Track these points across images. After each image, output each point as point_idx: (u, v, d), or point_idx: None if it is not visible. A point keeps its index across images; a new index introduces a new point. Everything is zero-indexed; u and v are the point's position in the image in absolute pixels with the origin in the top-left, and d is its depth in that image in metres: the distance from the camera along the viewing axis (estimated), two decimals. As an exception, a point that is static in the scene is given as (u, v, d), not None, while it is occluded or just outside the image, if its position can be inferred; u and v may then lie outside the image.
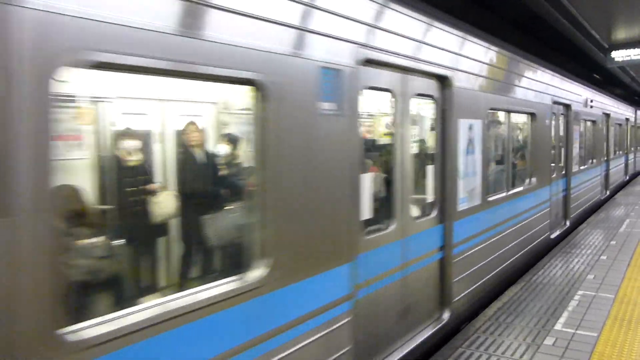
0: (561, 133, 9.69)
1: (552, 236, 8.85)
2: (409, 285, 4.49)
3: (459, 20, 5.49)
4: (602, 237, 9.22)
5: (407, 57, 4.33)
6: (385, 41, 4.01)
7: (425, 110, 5.14)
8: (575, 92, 10.60)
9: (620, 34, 12.40)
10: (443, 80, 4.94)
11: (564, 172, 9.80)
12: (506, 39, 7.06)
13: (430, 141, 5.14)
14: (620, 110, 17.43)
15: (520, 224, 7.15)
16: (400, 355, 4.28)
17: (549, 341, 4.77)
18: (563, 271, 7.08)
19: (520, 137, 8.20)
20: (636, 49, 12.83)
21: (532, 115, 7.74)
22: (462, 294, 5.35)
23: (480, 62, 5.83)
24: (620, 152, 17.98)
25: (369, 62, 3.79)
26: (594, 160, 12.71)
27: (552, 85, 8.84)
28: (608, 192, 14.84)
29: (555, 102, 8.86)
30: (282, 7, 2.98)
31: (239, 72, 2.66)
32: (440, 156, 5.02)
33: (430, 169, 4.97)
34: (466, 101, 5.35)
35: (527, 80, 7.62)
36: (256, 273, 2.82)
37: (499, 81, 6.42)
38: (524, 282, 6.63)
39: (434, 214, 4.94)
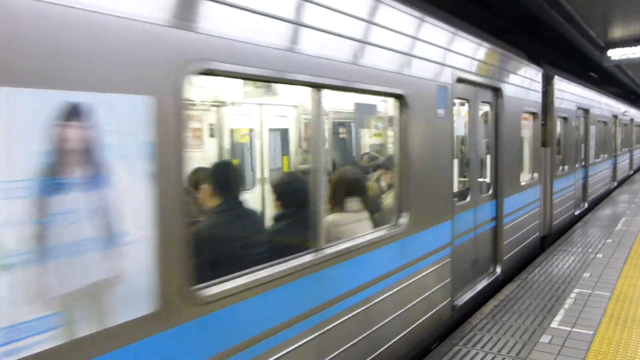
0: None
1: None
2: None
3: (459, 20, 5.51)
4: (598, 236, 9.23)
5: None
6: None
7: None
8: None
9: (617, 33, 12.41)
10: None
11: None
12: (504, 37, 7.06)
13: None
14: (608, 106, 15.75)
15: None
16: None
17: (545, 339, 4.77)
18: (559, 269, 7.09)
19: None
20: (633, 48, 12.83)
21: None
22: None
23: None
24: (605, 156, 15.32)
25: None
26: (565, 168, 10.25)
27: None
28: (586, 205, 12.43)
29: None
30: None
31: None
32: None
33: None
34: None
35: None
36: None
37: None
38: (520, 280, 6.64)
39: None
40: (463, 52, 5.44)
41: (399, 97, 4.22)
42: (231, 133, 6.19)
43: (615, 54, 13.04)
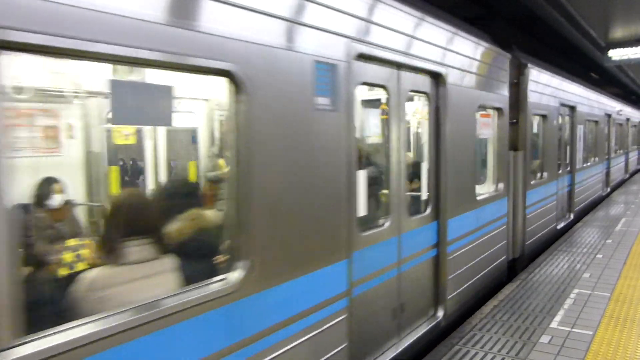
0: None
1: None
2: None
3: (458, 19, 5.51)
4: (598, 236, 9.24)
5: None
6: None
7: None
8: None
9: (618, 33, 12.40)
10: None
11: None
12: (503, 36, 7.05)
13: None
14: (600, 104, 13.93)
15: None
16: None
17: (544, 339, 4.78)
18: (559, 269, 7.09)
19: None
20: (634, 48, 12.82)
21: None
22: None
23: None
24: (596, 159, 13.44)
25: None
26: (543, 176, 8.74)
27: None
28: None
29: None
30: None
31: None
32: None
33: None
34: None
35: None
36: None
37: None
38: (520, 280, 6.64)
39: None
40: (370, 15, 3.88)
41: (227, 75, 2.64)
42: (108, 133, 4.88)
43: (616, 54, 13.02)
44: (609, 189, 15.42)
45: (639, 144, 24.00)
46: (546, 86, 8.55)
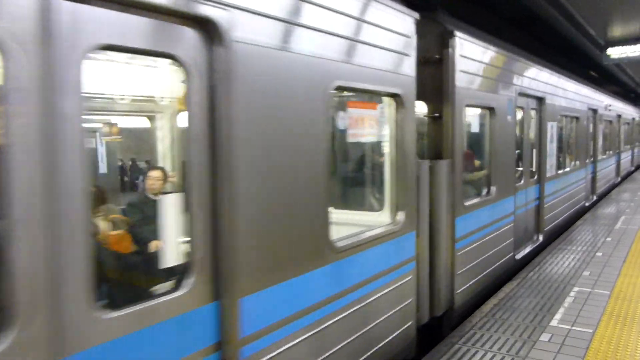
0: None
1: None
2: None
3: (459, 19, 5.50)
4: (597, 234, 9.25)
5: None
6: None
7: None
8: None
9: (617, 31, 12.42)
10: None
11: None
12: (503, 36, 7.06)
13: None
14: (582, 97, 11.46)
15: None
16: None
17: (544, 337, 4.79)
18: (559, 268, 7.10)
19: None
20: (632, 46, 12.84)
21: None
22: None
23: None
24: (576, 164, 11.08)
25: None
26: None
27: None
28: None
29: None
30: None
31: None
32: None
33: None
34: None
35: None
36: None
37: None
38: (519, 278, 6.65)
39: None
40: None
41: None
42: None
43: (615, 52, 13.05)
44: (595, 197, 13.25)
45: (632, 143, 21.71)
46: (492, 67, 6.35)
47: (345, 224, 4.09)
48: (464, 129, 5.50)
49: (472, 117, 6.15)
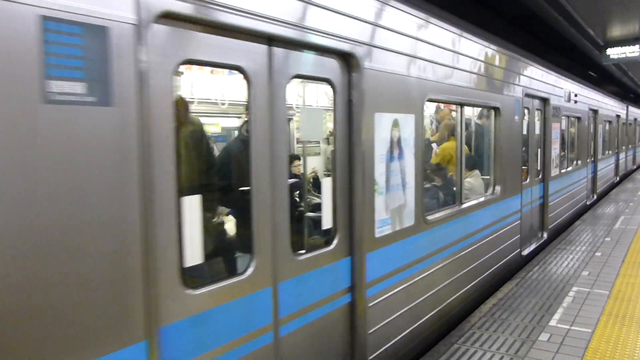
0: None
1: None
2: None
3: (459, 18, 5.51)
4: (596, 234, 9.26)
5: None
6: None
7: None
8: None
9: (616, 32, 12.43)
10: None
11: None
12: (502, 36, 7.06)
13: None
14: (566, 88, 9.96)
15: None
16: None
17: (543, 337, 4.79)
18: (558, 267, 7.11)
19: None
20: (631, 47, 12.86)
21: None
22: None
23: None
24: (579, 162, 10.71)
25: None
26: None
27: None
28: None
29: None
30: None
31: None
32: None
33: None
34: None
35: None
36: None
37: None
38: (519, 278, 6.66)
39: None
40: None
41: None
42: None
43: (614, 52, 13.07)
44: (595, 197, 13.26)
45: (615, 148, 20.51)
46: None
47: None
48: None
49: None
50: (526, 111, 7.56)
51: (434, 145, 6.90)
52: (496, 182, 6.38)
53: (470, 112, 6.59)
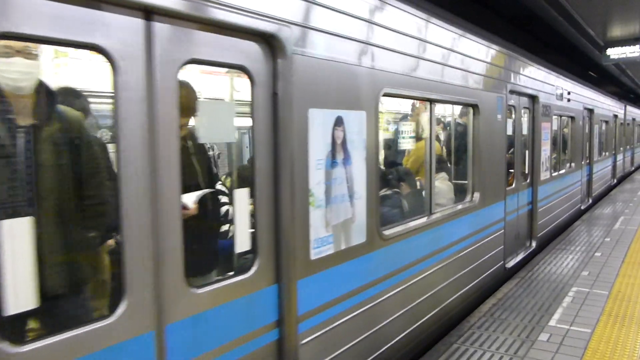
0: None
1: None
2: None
3: (457, 16, 5.49)
4: (596, 234, 9.25)
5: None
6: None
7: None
8: None
9: (616, 32, 12.44)
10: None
11: None
12: (502, 36, 7.06)
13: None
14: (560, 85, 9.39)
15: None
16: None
17: (543, 337, 4.79)
18: (557, 268, 7.10)
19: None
20: (631, 47, 12.86)
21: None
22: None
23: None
24: (573, 165, 10.28)
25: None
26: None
27: None
28: None
29: None
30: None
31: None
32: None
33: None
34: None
35: None
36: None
37: None
38: (518, 278, 6.65)
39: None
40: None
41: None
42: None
43: (614, 52, 13.07)
44: (590, 200, 12.58)
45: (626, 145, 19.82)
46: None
47: None
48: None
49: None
50: (512, 109, 7.01)
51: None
52: (475, 188, 5.70)
53: (450, 110, 6.30)
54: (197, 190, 3.02)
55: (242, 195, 2.85)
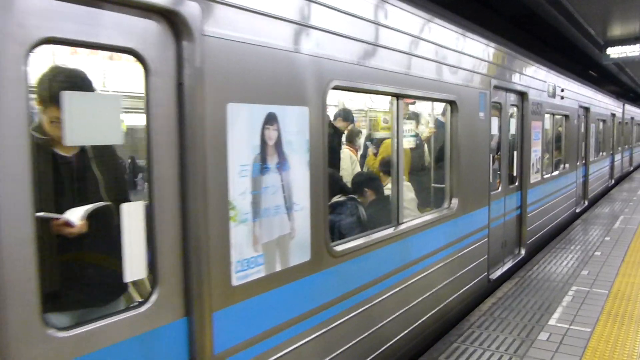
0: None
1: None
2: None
3: (456, 15, 5.47)
4: (596, 233, 9.25)
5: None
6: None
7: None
8: None
9: (616, 31, 12.44)
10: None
11: None
12: (502, 35, 7.06)
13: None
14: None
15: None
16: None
17: (543, 336, 4.79)
18: (557, 267, 7.11)
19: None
20: (631, 46, 12.86)
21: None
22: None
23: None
24: (567, 166, 9.90)
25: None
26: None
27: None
28: None
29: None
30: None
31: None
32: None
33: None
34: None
35: None
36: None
37: None
38: (518, 277, 6.66)
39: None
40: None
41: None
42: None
43: (614, 52, 13.07)
44: (586, 202, 12.26)
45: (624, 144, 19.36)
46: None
47: None
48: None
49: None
50: (499, 107, 6.52)
51: (368, 143, 6.39)
52: (453, 194, 5.16)
53: (430, 107, 6.04)
54: (97, 202, 2.43)
55: (133, 211, 2.26)
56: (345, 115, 6.06)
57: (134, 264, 2.24)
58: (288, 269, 2.97)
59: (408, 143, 5.53)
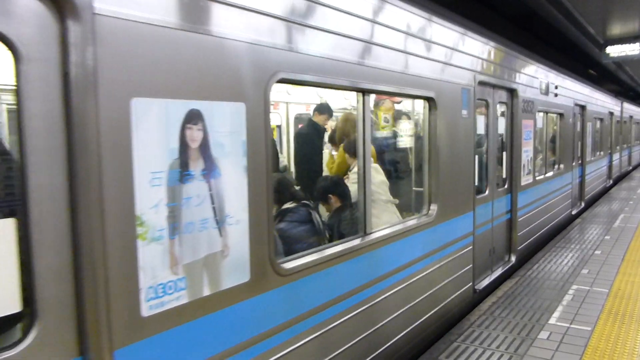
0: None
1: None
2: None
3: (456, 15, 5.46)
4: (596, 232, 9.26)
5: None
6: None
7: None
8: None
9: (616, 30, 12.44)
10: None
11: None
12: (501, 34, 7.06)
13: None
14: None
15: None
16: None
17: (543, 335, 4.79)
18: (557, 266, 7.11)
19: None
20: (631, 45, 12.86)
21: None
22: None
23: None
24: (561, 166, 9.62)
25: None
26: None
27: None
28: None
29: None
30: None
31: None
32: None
33: (504, 155, 6.49)
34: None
35: None
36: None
37: None
38: (518, 276, 6.66)
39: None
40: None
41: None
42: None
43: (614, 51, 13.07)
44: (583, 204, 11.85)
45: (623, 143, 19.13)
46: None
47: None
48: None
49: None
50: (485, 104, 6.12)
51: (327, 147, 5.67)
52: (432, 199, 4.75)
53: (410, 105, 5.46)
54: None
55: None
56: (322, 108, 5.52)
57: (5, 295, 1.85)
58: (220, 293, 2.52)
59: (396, 144, 5.30)
